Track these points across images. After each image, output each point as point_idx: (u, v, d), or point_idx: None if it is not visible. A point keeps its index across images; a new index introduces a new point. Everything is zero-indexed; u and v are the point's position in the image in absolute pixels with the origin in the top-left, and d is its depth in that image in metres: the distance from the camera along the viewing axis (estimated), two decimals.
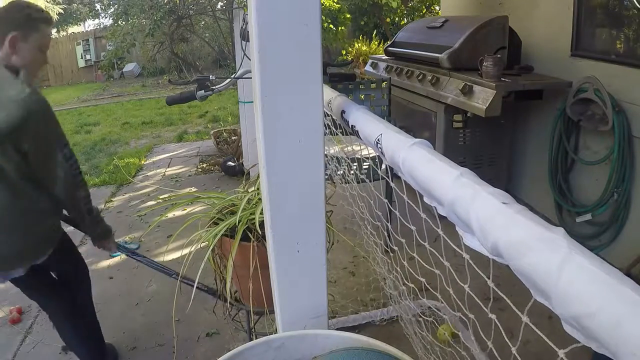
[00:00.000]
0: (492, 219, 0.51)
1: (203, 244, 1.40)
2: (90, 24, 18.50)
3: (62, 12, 15.75)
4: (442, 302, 0.84)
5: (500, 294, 0.62)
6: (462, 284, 0.71)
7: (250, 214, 1.35)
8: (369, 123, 0.90)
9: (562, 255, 0.41)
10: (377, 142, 0.84)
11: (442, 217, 0.66)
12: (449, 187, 0.59)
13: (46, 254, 1.60)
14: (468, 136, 2.97)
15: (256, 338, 1.04)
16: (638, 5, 2.19)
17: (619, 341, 0.34)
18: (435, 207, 0.66)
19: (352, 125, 0.97)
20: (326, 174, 0.94)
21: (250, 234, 1.30)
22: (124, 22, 4.84)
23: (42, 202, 1.53)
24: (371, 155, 1.20)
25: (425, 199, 0.69)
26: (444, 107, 2.87)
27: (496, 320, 0.61)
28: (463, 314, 0.77)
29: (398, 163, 0.74)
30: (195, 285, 1.47)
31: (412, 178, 0.71)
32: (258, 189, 1.42)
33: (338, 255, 2.66)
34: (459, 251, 0.63)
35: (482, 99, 2.47)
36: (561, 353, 0.43)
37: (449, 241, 0.70)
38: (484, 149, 3.04)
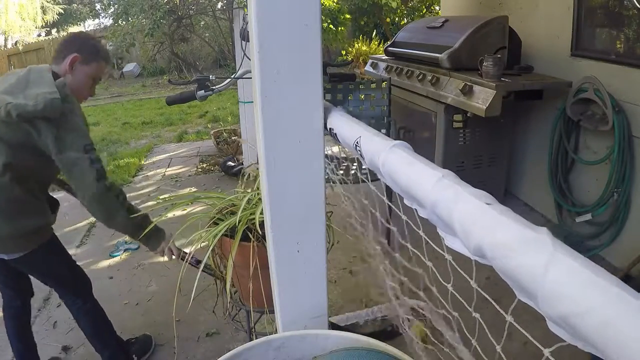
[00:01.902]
0: (476, 221, 0.50)
1: (203, 244, 1.40)
2: (90, 24, 18.53)
3: (62, 12, 15.77)
4: (427, 302, 0.85)
5: (486, 295, 0.62)
6: (445, 284, 0.71)
7: (251, 214, 1.35)
8: (347, 126, 0.89)
9: (547, 255, 0.41)
10: (355, 145, 0.83)
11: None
12: (431, 189, 0.59)
13: (15, 253, 1.57)
14: (468, 136, 2.97)
15: (256, 338, 1.04)
16: (638, 5, 2.19)
17: (608, 340, 0.35)
18: (415, 210, 0.65)
19: (330, 129, 0.96)
20: (326, 174, 0.94)
21: (250, 234, 1.30)
22: (124, 22, 4.84)
23: (20, 198, 1.53)
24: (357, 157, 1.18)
25: (406, 201, 0.69)
26: (444, 107, 2.87)
27: (480, 319, 0.61)
28: (452, 316, 0.77)
29: (378, 166, 0.73)
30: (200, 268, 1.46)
31: (392, 181, 0.70)
32: (258, 189, 1.42)
33: (338, 255, 2.66)
34: (441, 252, 0.63)
35: (482, 99, 2.47)
36: (546, 352, 0.44)
37: (431, 243, 0.70)
38: (484, 149, 3.04)
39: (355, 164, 2.72)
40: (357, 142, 0.82)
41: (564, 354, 0.45)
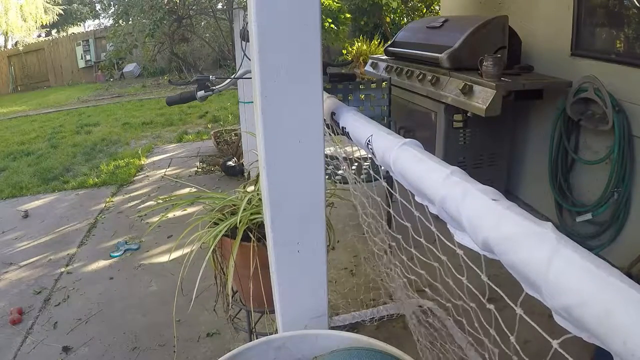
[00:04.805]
0: (482, 216, 0.52)
1: (204, 244, 1.40)
2: (90, 25, 18.56)
3: (62, 12, 15.78)
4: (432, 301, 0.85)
5: (498, 289, 0.62)
6: (454, 283, 0.71)
7: (251, 214, 1.35)
8: (359, 124, 0.90)
9: (551, 248, 0.42)
10: (367, 144, 0.84)
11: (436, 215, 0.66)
12: (440, 185, 0.60)
13: None
14: (468, 136, 2.97)
15: (256, 338, 1.04)
16: (638, 4, 2.19)
17: (609, 330, 0.35)
18: (426, 206, 0.66)
19: (342, 127, 0.97)
20: (326, 174, 0.95)
21: (250, 234, 1.30)
22: (124, 23, 4.83)
23: None
24: (370, 155, 1.19)
25: (417, 198, 0.70)
26: (444, 107, 2.87)
27: (497, 314, 0.61)
28: (458, 313, 0.77)
29: (389, 163, 0.75)
30: None
31: (403, 178, 0.71)
32: (259, 189, 1.42)
33: (338, 255, 2.66)
34: (453, 247, 0.64)
35: (482, 98, 2.47)
36: (555, 343, 0.44)
37: (443, 239, 0.70)
38: (484, 149, 3.04)
39: (355, 164, 2.72)
40: (369, 141, 0.83)
41: (570, 352, 0.45)
